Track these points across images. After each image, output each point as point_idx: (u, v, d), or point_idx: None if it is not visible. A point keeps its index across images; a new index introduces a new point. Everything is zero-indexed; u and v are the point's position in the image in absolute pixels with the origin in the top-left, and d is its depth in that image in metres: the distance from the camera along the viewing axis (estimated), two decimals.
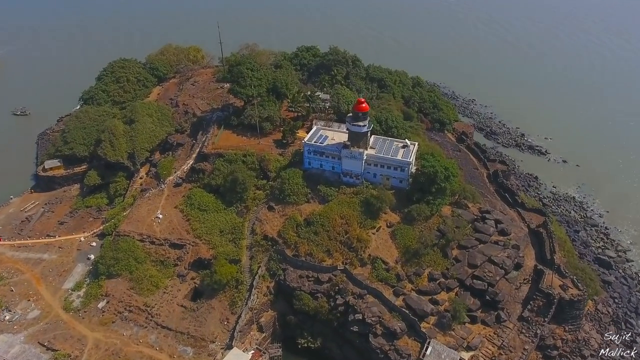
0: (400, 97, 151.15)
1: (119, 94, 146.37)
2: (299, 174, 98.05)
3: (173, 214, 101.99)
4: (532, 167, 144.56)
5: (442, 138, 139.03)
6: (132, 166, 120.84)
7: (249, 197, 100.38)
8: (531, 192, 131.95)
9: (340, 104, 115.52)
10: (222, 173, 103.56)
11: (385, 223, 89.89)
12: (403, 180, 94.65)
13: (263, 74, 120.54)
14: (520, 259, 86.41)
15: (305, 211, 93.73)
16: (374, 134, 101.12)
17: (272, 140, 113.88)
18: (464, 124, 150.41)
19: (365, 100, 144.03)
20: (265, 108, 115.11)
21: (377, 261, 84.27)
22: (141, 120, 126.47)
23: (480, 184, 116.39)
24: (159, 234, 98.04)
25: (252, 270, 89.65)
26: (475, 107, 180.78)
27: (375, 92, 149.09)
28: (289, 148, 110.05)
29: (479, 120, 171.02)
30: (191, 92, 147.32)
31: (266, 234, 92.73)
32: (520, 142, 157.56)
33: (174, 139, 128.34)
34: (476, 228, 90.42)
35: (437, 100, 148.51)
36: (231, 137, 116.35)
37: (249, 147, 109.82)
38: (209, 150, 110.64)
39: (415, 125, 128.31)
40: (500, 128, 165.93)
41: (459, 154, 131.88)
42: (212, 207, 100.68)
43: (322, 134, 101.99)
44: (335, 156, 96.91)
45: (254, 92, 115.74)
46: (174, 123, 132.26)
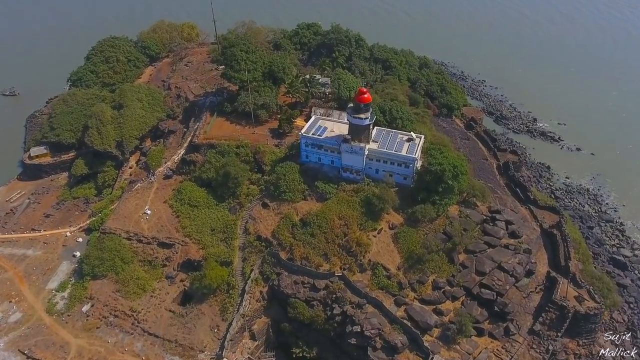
0: (406, 80, 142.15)
1: (108, 75, 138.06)
2: (295, 168, 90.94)
3: (162, 210, 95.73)
4: (544, 155, 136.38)
5: (449, 125, 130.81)
6: (121, 155, 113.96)
7: (242, 192, 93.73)
8: (543, 183, 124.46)
9: (341, 90, 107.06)
10: (213, 166, 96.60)
11: (387, 224, 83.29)
12: (407, 177, 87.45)
13: (259, 56, 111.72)
14: (532, 265, 79.98)
15: (301, 210, 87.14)
16: (377, 125, 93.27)
17: (267, 129, 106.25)
18: (473, 109, 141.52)
19: (369, 83, 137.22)
20: (260, 94, 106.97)
21: (378, 267, 78.13)
22: (130, 106, 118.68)
23: (489, 177, 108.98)
24: (147, 231, 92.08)
25: (244, 274, 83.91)
26: (485, 89, 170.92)
27: (379, 74, 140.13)
28: (285, 138, 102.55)
29: (488, 103, 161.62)
30: (184, 74, 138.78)
31: (260, 234, 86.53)
32: (532, 127, 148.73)
33: (165, 126, 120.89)
34: (485, 230, 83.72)
35: (445, 83, 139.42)
36: (224, 125, 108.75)
37: (243, 137, 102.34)
38: (200, 141, 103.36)
39: (422, 111, 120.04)
40: (511, 112, 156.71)
41: (468, 142, 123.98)
42: (203, 203, 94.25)
43: (321, 124, 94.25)
44: (335, 150, 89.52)
45: (249, 77, 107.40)
46: (166, 108, 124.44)
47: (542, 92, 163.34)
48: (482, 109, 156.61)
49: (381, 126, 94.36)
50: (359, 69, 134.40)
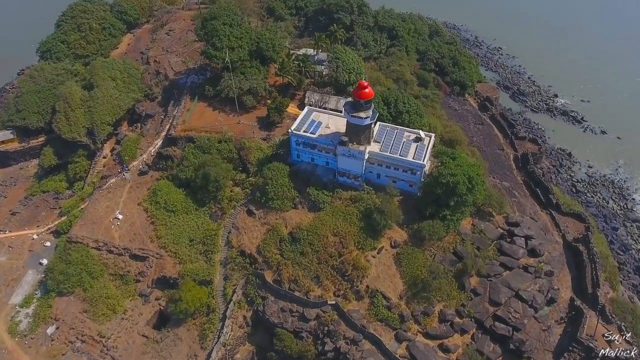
0: (415, 51, 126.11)
1: (80, 46, 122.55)
2: (284, 171, 78.48)
3: (135, 214, 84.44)
4: (566, 138, 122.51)
5: (461, 106, 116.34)
6: (92, 144, 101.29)
7: (224, 196, 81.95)
8: (563, 173, 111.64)
9: (339, 73, 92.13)
10: (192, 164, 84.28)
11: (389, 242, 71.94)
12: (414, 184, 75.11)
13: (244, 31, 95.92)
14: (554, 292, 69.18)
15: (291, 220, 75.64)
16: (380, 120, 79.67)
17: (255, 117, 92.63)
18: (488, 86, 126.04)
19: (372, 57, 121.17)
20: (246, 77, 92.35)
21: (377, 296, 67.52)
22: (102, 85, 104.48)
23: (506, 172, 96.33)
24: (118, 240, 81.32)
25: (226, 295, 73.84)
26: (502, 59, 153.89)
27: (384, 44, 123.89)
28: (275, 130, 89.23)
29: (504, 75, 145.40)
30: (165, 44, 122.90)
31: (243, 248, 75.61)
32: (552, 105, 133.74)
33: (142, 109, 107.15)
34: (502, 249, 72.32)
35: (457, 56, 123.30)
36: (206, 112, 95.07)
37: (226, 129, 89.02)
38: (178, 133, 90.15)
39: (431, 93, 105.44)
40: (529, 86, 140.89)
41: (482, 128, 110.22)
42: (181, 208, 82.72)
43: (315, 118, 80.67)
44: (330, 151, 76.72)
45: (233, 57, 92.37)
46: (143, 87, 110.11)
47: (565, 64, 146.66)
48: (498, 83, 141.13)
49: (385, 121, 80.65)
50: (362, 41, 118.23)
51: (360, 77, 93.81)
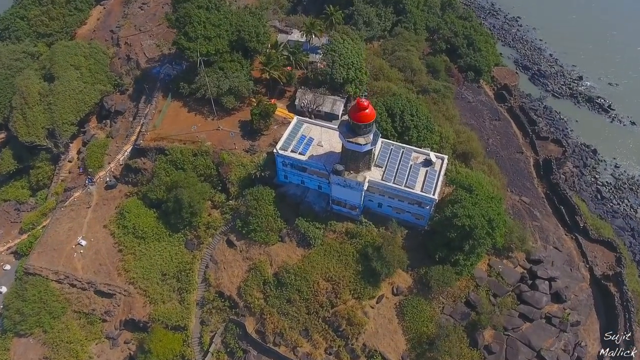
0: (424, 29, 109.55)
1: (43, 23, 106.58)
2: (269, 197, 66.35)
3: (101, 239, 73.29)
4: (590, 131, 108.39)
5: (475, 96, 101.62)
6: (55, 148, 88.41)
7: (201, 222, 70.44)
8: (587, 175, 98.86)
9: (335, 69, 77.25)
10: (164, 183, 72.01)
11: (390, 287, 61.10)
12: (421, 218, 63.19)
13: (223, 16, 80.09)
14: (581, 350, 59.15)
15: (277, 257, 64.52)
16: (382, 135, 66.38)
17: (237, 122, 78.97)
18: (507, 71, 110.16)
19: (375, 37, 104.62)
20: (226, 74, 77.82)
21: (375, 356, 57.55)
22: (64, 76, 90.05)
23: (525, 183, 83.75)
24: (82, 271, 70.71)
25: (202, 343, 64.16)
26: (521, 31, 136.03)
27: (389, 20, 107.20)
28: (260, 139, 76.05)
29: (524, 52, 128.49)
30: (138, 21, 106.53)
31: (222, 289, 65.07)
32: (576, 89, 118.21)
33: (111, 103, 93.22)
34: (522, 296, 61.46)
35: (473, 34, 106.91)
36: (181, 113, 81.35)
37: (203, 138, 75.93)
38: (147, 143, 76.97)
39: (443, 86, 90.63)
40: (551, 66, 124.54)
41: (499, 124, 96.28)
42: (152, 234, 71.38)
43: (305, 133, 67.26)
44: (323, 176, 64.24)
45: (210, 48, 77.40)
46: (112, 76, 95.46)
47: (591, 38, 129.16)
48: (516, 62, 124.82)
49: (388, 137, 67.23)
50: (363, 18, 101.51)
51: (361, 73, 79.39)
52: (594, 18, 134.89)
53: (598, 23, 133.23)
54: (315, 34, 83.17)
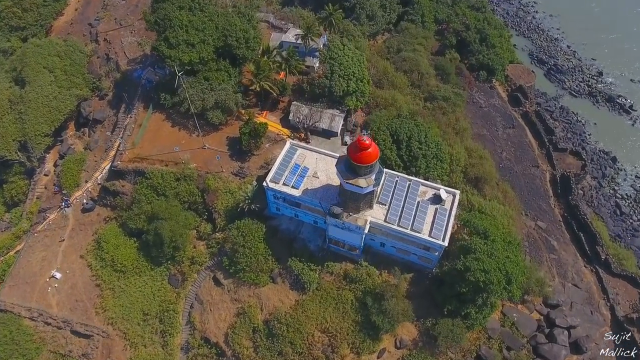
0: (432, 21, 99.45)
1: (15, 15, 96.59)
2: (259, 233, 59.13)
3: (77, 271, 66.69)
4: (610, 135, 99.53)
5: (488, 98, 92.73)
6: (28, 162, 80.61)
7: (184, 257, 63.60)
8: (605, 187, 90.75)
9: (334, 81, 68.24)
10: (144, 212, 64.66)
11: (393, 340, 54.75)
12: (429, 261, 56.13)
13: (208, 19, 70.44)
14: None
15: (267, 301, 57.95)
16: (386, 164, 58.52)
17: (225, 138, 70.81)
18: (522, 69, 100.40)
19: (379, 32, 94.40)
20: (212, 85, 69.08)
21: None
22: (36, 81, 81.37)
23: (541, 203, 76.26)
24: (57, 308, 64.45)
25: None
26: (537, 19, 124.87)
27: (395, 12, 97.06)
28: (250, 160, 68.14)
29: (539, 43, 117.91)
30: (119, 15, 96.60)
31: (208, 335, 58.84)
32: (596, 87, 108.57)
33: (89, 110, 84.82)
34: (538, 349, 55.19)
35: (486, 28, 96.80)
36: (163, 128, 73.07)
37: (186, 159, 68.02)
38: (125, 164, 69.01)
39: (453, 93, 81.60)
40: (569, 60, 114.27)
41: (513, 132, 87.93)
42: (132, 267, 64.64)
43: (298, 162, 59.23)
44: (319, 213, 56.83)
45: (193, 56, 68.32)
46: (90, 77, 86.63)
47: (613, 30, 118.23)
48: (531, 55, 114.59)
49: (392, 167, 59.19)
50: (366, 11, 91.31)
51: (362, 84, 70.52)
52: (616, 7, 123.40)
53: (621, 12, 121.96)
54: (312, 38, 73.48)
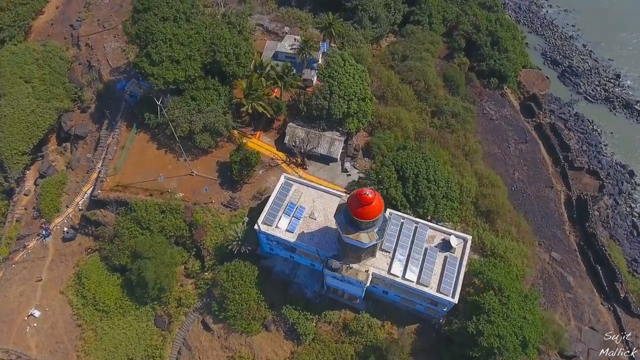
0: (440, 22, 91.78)
1: None
2: (251, 275, 53.89)
3: (57, 309, 61.78)
4: (627, 146, 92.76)
5: (499, 108, 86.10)
6: (5, 181, 74.80)
7: (171, 297, 58.57)
8: (621, 205, 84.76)
9: (332, 103, 61.57)
10: (127, 247, 59.28)
11: None
12: (436, 313, 50.98)
13: (194, 31, 63.23)
14: None
15: (260, 351, 53.16)
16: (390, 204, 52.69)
17: (215, 163, 64.74)
18: (535, 74, 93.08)
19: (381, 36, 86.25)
20: (200, 106, 62.54)
21: None
22: (11, 94, 75.04)
23: (555, 230, 70.63)
24: (36, 350, 59.86)
25: None
26: (550, 13, 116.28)
27: (400, 12, 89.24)
28: (241, 189, 62.29)
29: (553, 42, 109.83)
30: (102, 15, 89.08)
31: None
32: (613, 91, 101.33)
33: (71, 124, 78.53)
34: None
35: (498, 30, 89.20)
36: (148, 150, 66.85)
37: (173, 189, 62.19)
38: (107, 194, 63.14)
39: (463, 109, 74.97)
40: (584, 60, 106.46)
41: (525, 147, 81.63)
42: (116, 307, 59.74)
43: (293, 200, 53.32)
44: (316, 259, 51.39)
45: (178, 75, 61.58)
46: (72, 87, 80.00)
47: (633, 27, 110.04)
48: (544, 55, 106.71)
49: (397, 207, 53.27)
50: (369, 13, 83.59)
51: (365, 104, 63.98)
52: (637, 2, 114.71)
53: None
54: (309, 53, 66.35)
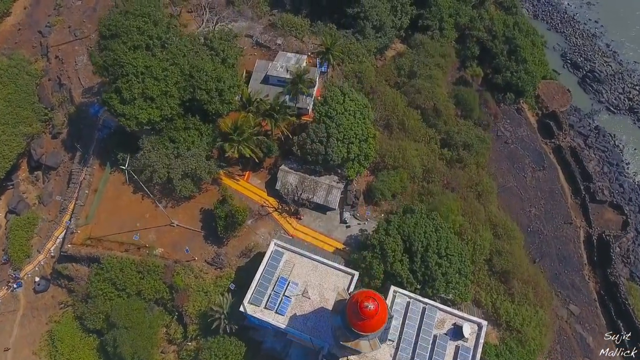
0: (452, 27, 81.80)
1: None
2: (239, 355, 47.80)
3: None
4: None
5: (515, 128, 78.14)
6: None
7: None
8: None
9: (329, 148, 53.25)
10: (102, 311, 52.98)
11: None
12: None
13: (170, 63, 53.99)
14: None
15: None
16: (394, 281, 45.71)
17: (199, 210, 57.35)
18: (556, 87, 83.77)
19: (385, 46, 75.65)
20: (179, 149, 54.43)
21: None
22: None
23: (574, 276, 64.43)
24: None
25: None
26: (572, 7, 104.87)
27: (408, 15, 79.18)
28: (229, 243, 55.22)
29: (573, 41, 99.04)
30: (73, 21, 79.23)
31: None
32: (638, 99, 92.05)
33: (41, 152, 70.42)
34: None
35: (516, 36, 79.45)
36: (124, 194, 59.12)
37: (152, 240, 55.16)
38: (77, 249, 55.88)
39: (477, 140, 66.55)
40: (607, 63, 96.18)
41: (543, 175, 74.19)
42: None
43: (284, 273, 46.39)
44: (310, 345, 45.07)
45: (153, 114, 53.07)
46: (41, 107, 71.49)
47: None
48: (563, 57, 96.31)
49: (404, 284, 46.10)
50: (372, 21, 73.38)
51: (367, 145, 55.87)
52: None
53: None
54: (303, 90, 57.20)
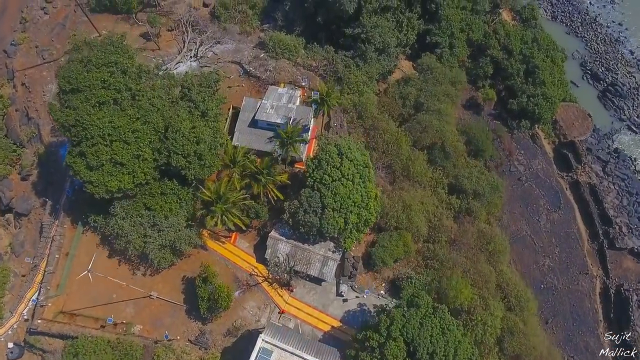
0: (464, 44, 73.27)
1: None
2: None
3: None
4: None
5: (529, 160, 71.78)
6: None
7: None
8: None
9: (324, 218, 46.41)
10: None
11: None
12: None
13: (141, 121, 46.34)
14: None
15: None
16: None
17: (180, 280, 51.40)
18: (575, 111, 75.52)
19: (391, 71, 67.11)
20: (156, 218, 47.84)
21: None
22: None
23: (587, 337, 59.82)
24: None
25: None
26: (594, 6, 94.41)
27: (414, 30, 70.41)
28: (214, 320, 49.64)
29: (594, 47, 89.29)
30: (40, 39, 70.85)
31: None
32: None
33: (10, 196, 63.70)
34: None
35: (535, 55, 71.10)
36: (98, 259, 52.90)
37: (130, 316, 49.68)
38: (47, 325, 50.21)
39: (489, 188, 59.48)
40: (631, 75, 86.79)
41: (558, 217, 67.85)
42: None
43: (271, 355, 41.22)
44: None
45: (125, 182, 46.14)
46: (9, 143, 64.32)
47: None
48: (583, 66, 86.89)
49: None
50: (375, 43, 64.45)
51: (367, 212, 49.36)
52: None
53: None
54: (294, 148, 49.73)
